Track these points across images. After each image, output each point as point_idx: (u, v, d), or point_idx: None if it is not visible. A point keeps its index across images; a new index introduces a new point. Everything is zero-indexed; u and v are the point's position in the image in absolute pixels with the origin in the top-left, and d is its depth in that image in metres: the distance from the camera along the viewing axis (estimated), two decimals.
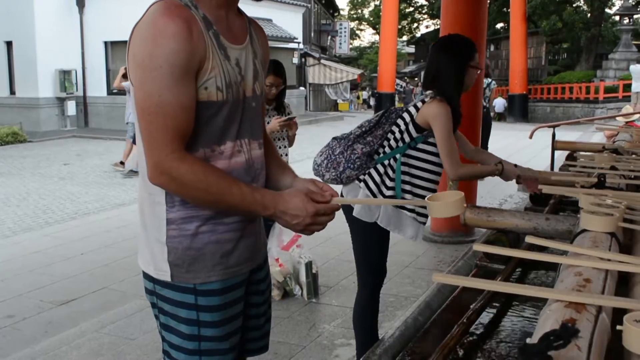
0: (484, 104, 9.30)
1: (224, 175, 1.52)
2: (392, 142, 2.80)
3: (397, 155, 2.79)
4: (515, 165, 2.96)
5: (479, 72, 2.93)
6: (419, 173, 2.82)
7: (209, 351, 1.62)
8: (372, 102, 35.03)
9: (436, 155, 2.82)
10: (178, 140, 1.46)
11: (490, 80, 9.75)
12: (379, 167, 2.80)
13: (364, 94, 38.40)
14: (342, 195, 2.88)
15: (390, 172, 2.79)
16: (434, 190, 2.87)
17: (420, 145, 2.80)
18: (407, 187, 2.81)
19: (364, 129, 2.84)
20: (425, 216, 2.87)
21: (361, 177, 2.81)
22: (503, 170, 2.86)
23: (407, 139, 2.79)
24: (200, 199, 1.51)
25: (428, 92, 2.82)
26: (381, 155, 2.82)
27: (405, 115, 2.80)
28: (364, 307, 3.03)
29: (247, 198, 1.51)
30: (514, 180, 3.02)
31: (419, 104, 2.77)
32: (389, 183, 2.78)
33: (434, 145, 2.80)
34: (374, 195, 2.78)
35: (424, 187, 2.83)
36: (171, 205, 1.56)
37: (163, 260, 1.58)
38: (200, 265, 1.58)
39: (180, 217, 1.56)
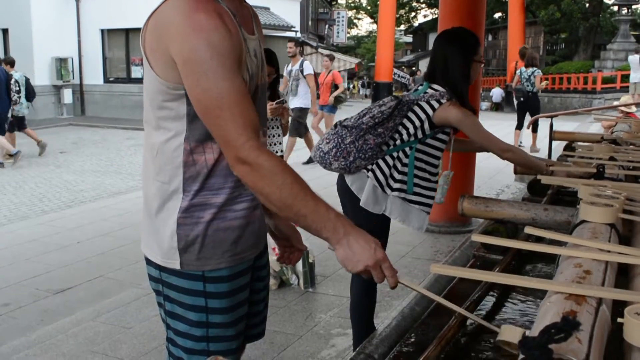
0: (530, 89, 11.00)
1: (301, 180, 1.45)
2: (405, 136, 2.80)
3: (407, 149, 2.80)
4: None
5: (482, 66, 2.93)
6: (425, 166, 2.85)
7: (217, 338, 1.63)
8: (361, 91, 34.91)
9: (439, 149, 2.87)
10: (250, 129, 1.41)
11: (535, 69, 11.06)
12: (388, 158, 2.80)
13: (360, 84, 38.27)
14: (344, 182, 2.88)
15: (398, 164, 2.80)
16: (436, 183, 2.91)
17: (429, 141, 2.83)
18: (416, 180, 2.83)
19: (376, 120, 2.75)
20: (430, 206, 2.90)
21: (369, 166, 2.80)
22: (552, 173, 2.76)
23: (419, 134, 2.80)
24: (273, 197, 1.41)
25: (437, 87, 2.83)
26: (391, 147, 2.81)
27: (418, 110, 2.79)
28: (362, 298, 3.03)
29: (321, 211, 1.43)
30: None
31: (435, 104, 2.77)
32: (397, 176, 2.80)
33: (439, 140, 2.85)
34: (381, 186, 2.79)
35: (429, 180, 2.88)
36: (187, 193, 1.55)
37: (172, 249, 1.58)
38: (210, 252, 1.58)
39: (193, 205, 1.56)
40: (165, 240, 1.58)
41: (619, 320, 0.92)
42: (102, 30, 18.99)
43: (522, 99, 11.26)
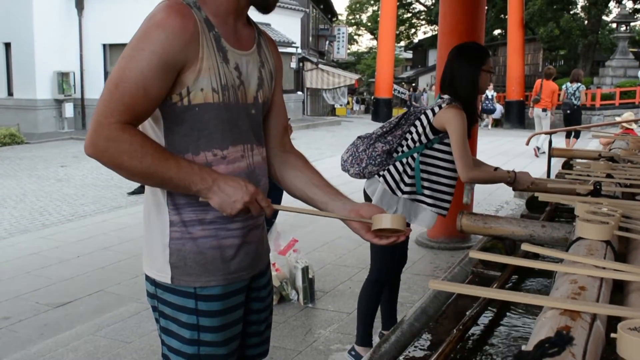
0: (575, 102, 12.81)
1: (162, 148, 1.50)
2: (410, 142, 3.04)
3: (415, 155, 3.02)
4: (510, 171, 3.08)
5: (491, 75, 3.13)
6: (437, 170, 3.05)
7: (208, 356, 1.63)
8: (355, 107, 34.96)
9: (450, 153, 3.02)
10: (127, 116, 1.44)
11: (579, 84, 12.87)
12: (398, 164, 3.04)
13: (354, 100, 38.34)
14: (364, 187, 3.18)
15: (408, 169, 3.02)
16: (452, 186, 3.09)
17: (437, 146, 3.03)
18: (426, 184, 3.04)
19: (385, 129, 3.10)
20: (445, 208, 3.10)
21: (381, 172, 3.07)
22: (515, 178, 2.99)
23: (424, 140, 3.02)
24: (137, 171, 1.45)
25: (445, 96, 3.03)
26: (400, 153, 3.06)
27: (423, 117, 3.02)
28: (372, 297, 3.27)
29: (184, 169, 1.46)
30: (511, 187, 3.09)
31: (436, 109, 2.98)
32: (407, 180, 3.02)
33: (449, 145, 3.00)
34: (392, 190, 3.04)
35: (442, 183, 3.06)
36: (173, 207, 1.58)
37: (165, 262, 1.60)
38: (200, 268, 1.59)
39: (182, 220, 1.58)
40: (159, 254, 1.61)
41: (612, 335, 0.94)
42: (104, 45, 19.09)
43: (568, 111, 12.91)
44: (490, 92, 22.03)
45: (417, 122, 3.04)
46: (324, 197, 1.72)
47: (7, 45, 18.69)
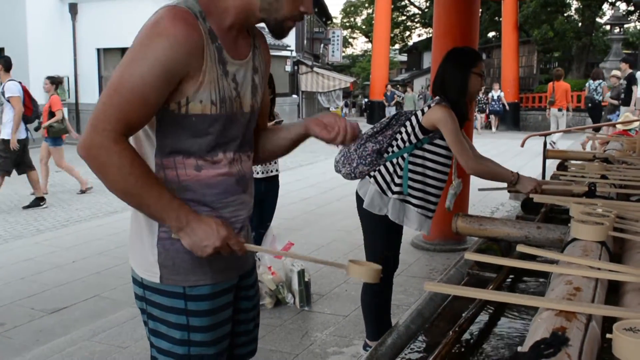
0: (598, 98, 13.97)
1: (151, 173, 1.51)
2: (400, 143, 3.06)
3: (405, 155, 3.03)
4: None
5: (482, 78, 3.13)
6: (426, 171, 3.05)
7: (198, 356, 1.64)
8: (344, 110, 34.99)
9: (441, 155, 3.05)
10: (123, 125, 1.45)
11: (601, 81, 14.07)
12: (388, 164, 3.06)
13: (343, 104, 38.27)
14: (357, 189, 3.18)
15: (398, 170, 3.04)
16: (440, 188, 3.10)
17: (426, 146, 3.03)
18: (415, 185, 3.04)
19: (375, 130, 3.14)
20: (430, 210, 3.11)
21: (372, 173, 3.08)
22: (519, 180, 2.95)
23: (413, 139, 3.03)
24: (118, 186, 1.48)
25: (436, 98, 3.05)
26: (390, 153, 3.08)
27: (413, 118, 3.05)
28: (372, 297, 3.28)
29: (164, 200, 1.48)
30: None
31: (425, 109, 3.01)
32: (397, 180, 3.04)
33: (439, 146, 3.03)
34: (383, 191, 3.05)
35: (430, 185, 3.07)
36: None
37: (153, 262, 1.61)
38: (189, 268, 1.60)
39: None
40: (148, 254, 1.62)
41: (608, 336, 0.94)
42: (98, 50, 19.04)
43: (590, 105, 14.24)
44: (497, 93, 21.92)
45: (407, 123, 3.07)
46: (287, 133, 1.82)
47: (1, 51, 18.63)
